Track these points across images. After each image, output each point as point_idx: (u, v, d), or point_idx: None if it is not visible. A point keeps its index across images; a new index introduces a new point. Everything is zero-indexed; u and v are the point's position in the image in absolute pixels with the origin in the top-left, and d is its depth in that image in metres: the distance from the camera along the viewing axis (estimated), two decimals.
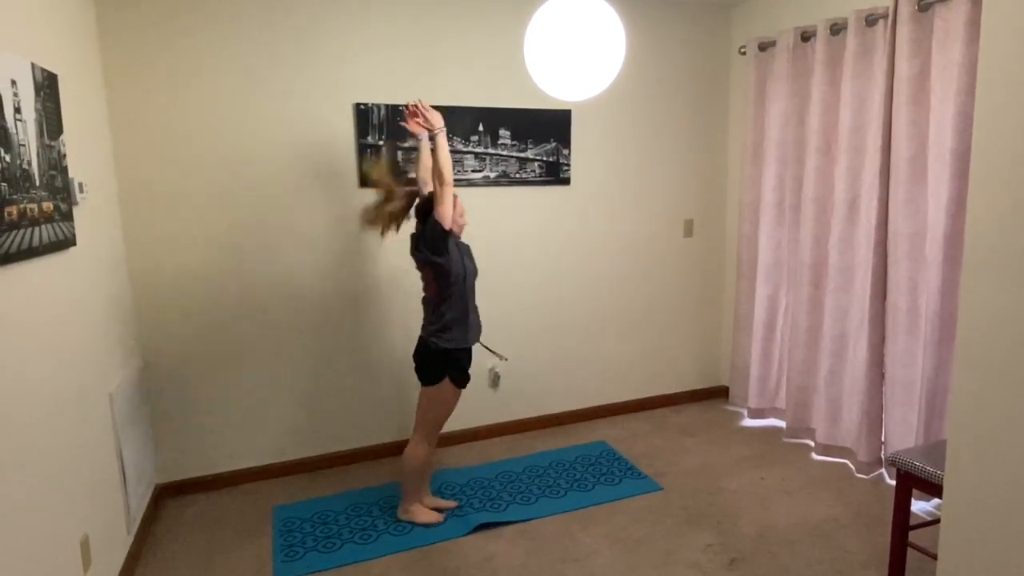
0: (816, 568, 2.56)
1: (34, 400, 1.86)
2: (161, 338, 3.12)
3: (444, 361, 2.75)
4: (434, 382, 2.77)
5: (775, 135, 3.68)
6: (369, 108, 3.29)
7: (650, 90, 3.92)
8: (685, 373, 4.36)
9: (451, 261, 2.67)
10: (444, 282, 2.70)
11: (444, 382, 2.77)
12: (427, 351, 2.77)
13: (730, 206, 4.25)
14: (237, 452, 3.33)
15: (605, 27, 2.24)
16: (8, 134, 1.76)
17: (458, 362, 2.78)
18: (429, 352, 2.76)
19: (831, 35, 3.31)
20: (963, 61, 2.67)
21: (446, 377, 2.76)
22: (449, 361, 2.75)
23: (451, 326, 2.73)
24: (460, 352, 2.77)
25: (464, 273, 2.73)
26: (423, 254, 2.68)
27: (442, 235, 2.62)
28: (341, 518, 2.98)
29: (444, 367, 2.75)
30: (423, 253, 2.68)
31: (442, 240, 2.63)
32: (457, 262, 2.69)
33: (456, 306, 2.73)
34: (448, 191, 2.61)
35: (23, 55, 1.92)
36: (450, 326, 2.73)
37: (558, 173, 3.76)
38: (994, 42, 1.43)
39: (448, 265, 2.66)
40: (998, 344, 1.46)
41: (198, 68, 3.01)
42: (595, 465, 3.46)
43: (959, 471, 1.58)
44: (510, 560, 2.65)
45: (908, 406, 3.08)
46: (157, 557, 2.73)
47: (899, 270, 3.06)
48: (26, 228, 1.83)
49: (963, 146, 2.72)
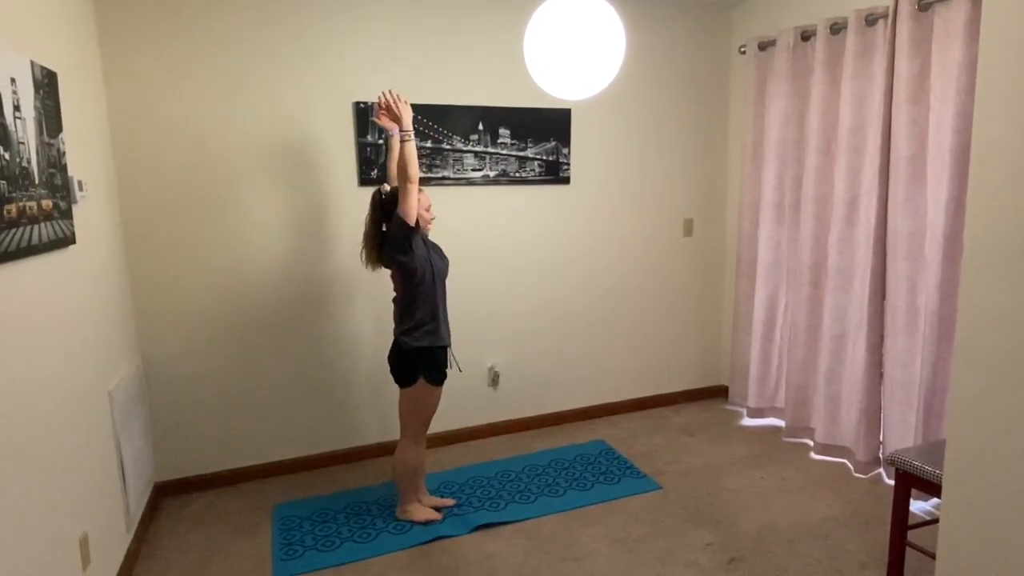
0: (815, 567, 2.56)
1: (33, 398, 1.85)
2: (160, 337, 3.12)
3: (417, 361, 2.71)
4: (409, 383, 2.73)
5: (775, 134, 3.68)
6: (369, 106, 3.28)
7: (650, 89, 3.92)
8: (684, 372, 4.36)
9: (416, 259, 2.63)
10: (410, 280, 2.67)
11: (419, 382, 2.73)
12: (399, 352, 2.73)
13: (730, 205, 4.25)
14: (236, 451, 3.33)
15: (605, 26, 2.24)
16: (7, 132, 1.76)
17: (433, 360, 2.74)
18: (401, 353, 2.73)
19: (831, 34, 3.31)
20: (963, 61, 2.67)
21: (420, 377, 2.72)
22: (422, 361, 2.71)
23: (421, 325, 2.69)
24: (433, 350, 2.73)
25: (432, 271, 2.69)
26: (388, 252, 2.66)
27: (407, 232, 2.59)
28: (340, 517, 2.98)
29: (417, 367, 2.71)
30: (388, 251, 2.66)
31: (406, 238, 2.60)
32: (423, 259, 2.66)
33: (425, 305, 2.68)
34: (413, 188, 2.56)
35: (22, 53, 1.92)
36: (420, 325, 2.69)
37: (558, 172, 3.76)
38: (994, 42, 1.43)
39: (413, 263, 2.63)
40: (998, 344, 1.46)
41: (197, 67, 3.01)
42: (594, 464, 3.46)
43: (958, 471, 1.58)
44: (509, 559, 2.66)
45: (907, 406, 3.08)
46: (156, 555, 2.73)
47: (898, 270, 3.06)
48: (25, 226, 1.82)
49: (963, 145, 2.72)
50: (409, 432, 2.81)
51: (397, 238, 2.62)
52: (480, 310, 3.71)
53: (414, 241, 2.62)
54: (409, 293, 2.69)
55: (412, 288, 2.68)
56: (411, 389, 2.74)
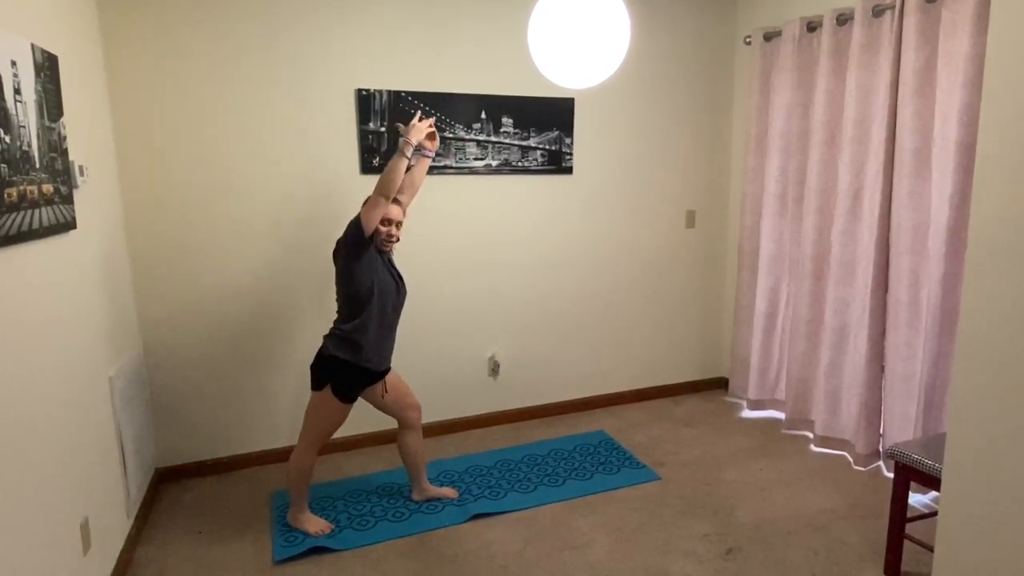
0: (813, 559, 2.57)
1: (34, 383, 1.86)
2: (161, 323, 3.12)
3: (331, 368, 2.62)
4: (317, 387, 2.65)
5: (779, 126, 3.66)
6: (371, 94, 3.27)
7: (654, 79, 3.90)
8: (685, 364, 4.36)
9: (358, 271, 2.55)
10: (345, 289, 2.60)
11: (326, 390, 2.63)
12: (319, 352, 2.66)
13: (733, 197, 4.24)
14: (236, 437, 3.34)
15: (610, 15, 2.22)
16: (8, 115, 1.75)
17: (347, 375, 2.63)
18: (319, 355, 2.65)
19: (837, 26, 3.28)
20: (970, 53, 2.66)
21: (328, 385, 2.62)
22: (336, 371, 2.61)
23: (348, 337, 2.60)
24: (350, 365, 2.61)
25: (373, 291, 2.58)
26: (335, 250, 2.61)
27: (358, 238, 2.51)
28: (339, 504, 2.99)
29: (329, 374, 2.62)
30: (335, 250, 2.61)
31: (352, 242, 2.53)
32: (366, 275, 2.56)
33: (359, 319, 2.58)
34: (381, 201, 2.49)
35: (23, 36, 1.91)
36: (347, 336, 2.60)
37: (560, 162, 3.75)
38: (1002, 35, 1.42)
39: (352, 270, 2.55)
40: (1000, 338, 1.45)
41: (198, 51, 2.99)
42: (594, 454, 3.46)
43: (957, 464, 1.58)
44: (508, 547, 2.67)
45: (907, 399, 3.08)
46: (156, 541, 2.74)
47: (901, 263, 3.05)
48: (26, 210, 1.82)
49: (968, 139, 2.71)
50: (305, 435, 2.70)
51: (345, 238, 2.56)
52: (481, 299, 3.70)
53: (361, 249, 2.53)
54: (343, 299, 2.63)
55: (345, 295, 2.61)
56: (318, 394, 2.65)
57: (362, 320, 2.60)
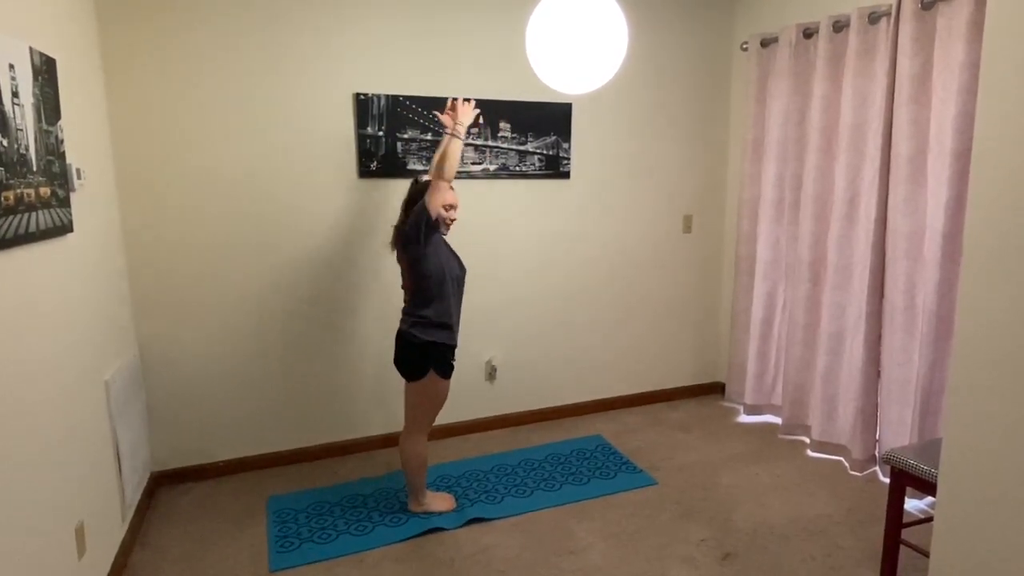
0: (809, 564, 2.57)
1: (29, 386, 1.85)
2: (158, 326, 3.11)
3: (428, 354, 2.71)
4: (418, 377, 2.73)
5: (776, 132, 3.68)
6: (369, 98, 3.27)
7: (651, 85, 3.91)
8: (682, 368, 4.37)
9: (428, 255, 2.65)
10: (418, 272, 2.68)
11: (430, 375, 2.72)
12: (408, 345, 2.72)
13: (729, 202, 4.25)
14: (232, 441, 3.33)
15: (608, 21, 2.23)
16: (6, 118, 1.75)
17: (443, 354, 2.75)
18: (410, 346, 2.72)
19: (833, 32, 3.30)
20: (965, 60, 2.67)
21: (431, 370, 2.72)
22: (433, 354, 2.71)
23: (434, 321, 2.69)
24: (442, 346, 2.73)
25: (443, 271, 2.69)
26: (403, 240, 2.67)
27: (421, 223, 2.60)
28: (336, 509, 2.98)
29: (428, 360, 2.71)
30: (403, 239, 2.67)
31: (419, 228, 2.60)
32: (434, 257, 2.66)
33: (439, 303, 2.69)
34: (443, 185, 2.61)
35: (21, 38, 1.91)
36: (433, 321, 2.69)
37: (558, 167, 3.75)
38: (997, 42, 1.43)
39: (423, 255, 2.64)
40: (996, 343, 1.46)
41: (196, 55, 2.99)
42: (591, 459, 3.46)
43: (953, 469, 1.58)
44: (504, 552, 2.66)
45: (903, 404, 3.09)
46: (151, 545, 2.73)
47: (897, 268, 3.06)
48: (23, 213, 1.82)
49: (963, 146, 2.72)
50: (417, 425, 2.81)
51: (412, 227, 2.63)
52: (478, 303, 3.70)
53: (428, 234, 2.62)
54: (418, 285, 2.69)
55: (420, 280, 2.68)
56: (421, 382, 2.74)
57: (444, 301, 2.71)
